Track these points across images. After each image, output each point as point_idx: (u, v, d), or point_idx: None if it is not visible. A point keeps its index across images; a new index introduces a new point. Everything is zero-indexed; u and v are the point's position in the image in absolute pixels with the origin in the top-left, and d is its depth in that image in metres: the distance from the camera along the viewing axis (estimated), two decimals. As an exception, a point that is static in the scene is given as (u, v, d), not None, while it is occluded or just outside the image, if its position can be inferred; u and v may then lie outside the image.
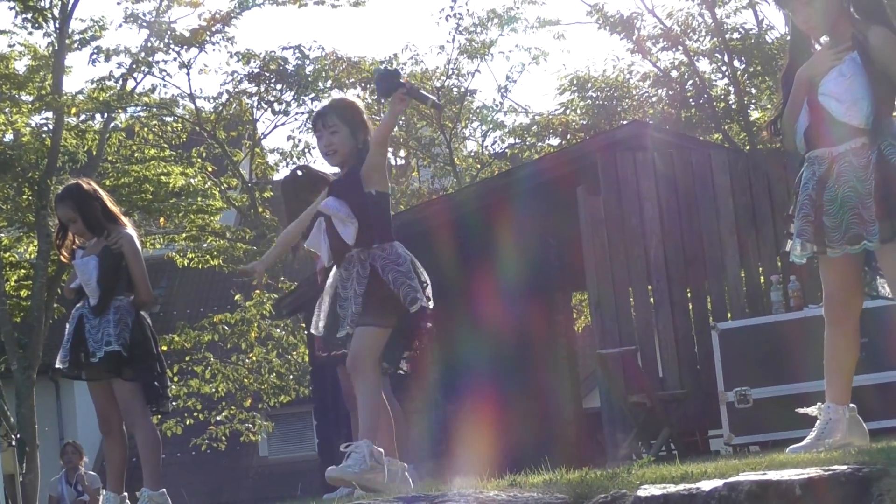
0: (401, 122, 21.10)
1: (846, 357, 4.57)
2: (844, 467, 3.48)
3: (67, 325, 6.25)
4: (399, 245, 5.15)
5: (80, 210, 6.13)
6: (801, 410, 4.73)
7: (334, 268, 5.16)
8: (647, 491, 3.58)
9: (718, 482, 3.53)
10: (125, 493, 6.05)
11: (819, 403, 4.56)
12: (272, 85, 20.51)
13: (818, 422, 4.52)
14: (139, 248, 6.27)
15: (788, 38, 4.86)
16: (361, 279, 5.01)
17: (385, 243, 5.07)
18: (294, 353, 18.89)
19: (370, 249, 5.04)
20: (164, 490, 6.05)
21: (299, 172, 6.32)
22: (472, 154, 22.17)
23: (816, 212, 4.38)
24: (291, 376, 19.00)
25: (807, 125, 4.50)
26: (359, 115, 5.33)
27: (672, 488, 3.59)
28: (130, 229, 6.26)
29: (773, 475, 3.50)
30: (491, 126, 21.40)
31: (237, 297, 19.01)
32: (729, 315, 9.19)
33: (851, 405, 4.54)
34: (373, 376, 5.04)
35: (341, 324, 5.04)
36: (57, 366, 6.28)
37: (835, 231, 4.35)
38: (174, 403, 16.49)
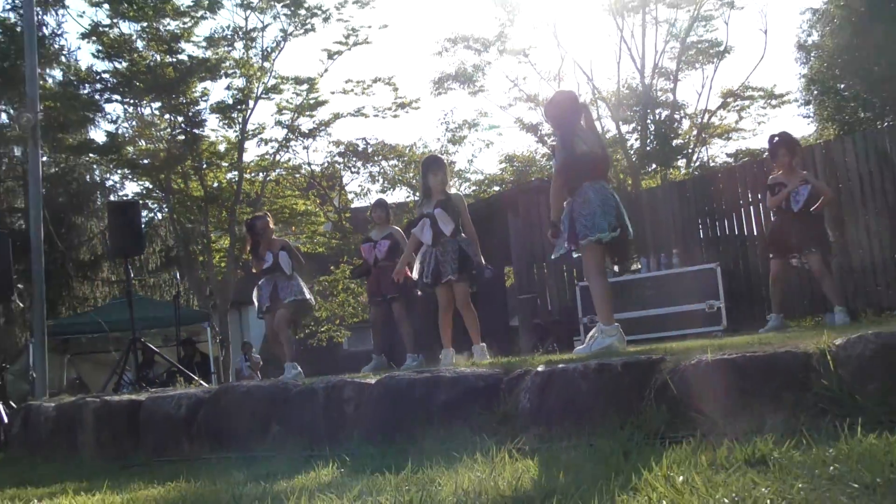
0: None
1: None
2: (643, 356, 4.01)
3: (261, 286, 8.63)
4: (466, 237, 7.05)
5: (265, 228, 8.57)
6: (590, 334, 5.47)
7: (424, 246, 7.18)
8: (541, 367, 4.28)
9: (586, 361, 4.00)
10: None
11: (599, 324, 5.36)
12: (350, 157, 26.21)
13: (593, 333, 5.34)
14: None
15: None
16: (454, 252, 7.12)
17: (461, 235, 7.15)
18: (361, 297, 23.14)
19: (457, 238, 7.17)
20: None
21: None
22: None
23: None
24: (360, 307, 24.52)
25: None
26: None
27: (552, 366, 4.22)
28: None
29: (605, 360, 4.01)
30: (463, 180, 28.32)
31: (332, 268, 25.20)
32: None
33: (616, 323, 5.34)
34: (470, 311, 6.96)
35: (443, 273, 7.13)
36: (262, 306, 8.57)
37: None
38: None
